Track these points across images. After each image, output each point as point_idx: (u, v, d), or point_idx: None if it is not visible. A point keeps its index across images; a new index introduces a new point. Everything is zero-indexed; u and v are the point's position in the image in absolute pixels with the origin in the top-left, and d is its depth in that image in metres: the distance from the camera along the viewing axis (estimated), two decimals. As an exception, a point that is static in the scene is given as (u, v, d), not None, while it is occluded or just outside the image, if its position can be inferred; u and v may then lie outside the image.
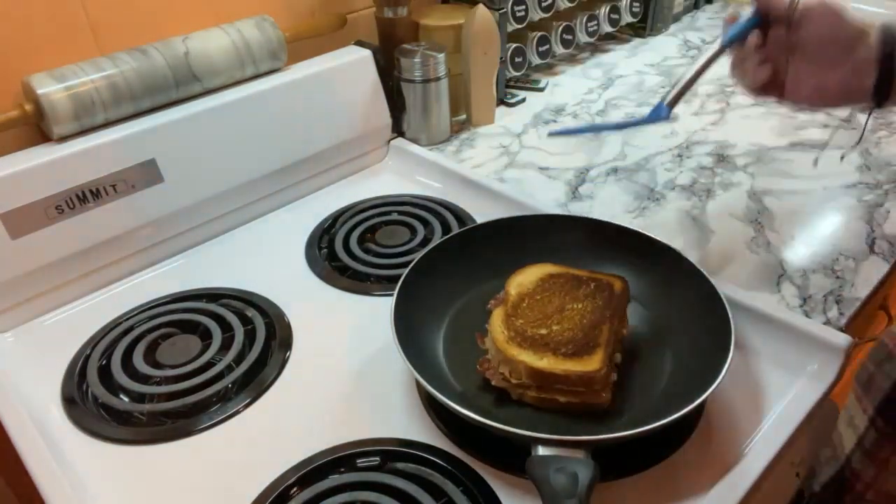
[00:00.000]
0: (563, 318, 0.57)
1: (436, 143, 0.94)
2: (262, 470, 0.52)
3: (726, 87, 1.07)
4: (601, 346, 0.54)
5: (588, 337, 0.54)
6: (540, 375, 0.52)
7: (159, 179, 0.72)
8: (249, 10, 0.82)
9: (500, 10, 0.96)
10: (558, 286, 0.60)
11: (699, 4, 1.40)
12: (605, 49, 1.24)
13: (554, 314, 0.57)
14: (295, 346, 0.64)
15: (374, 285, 0.71)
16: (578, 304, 0.58)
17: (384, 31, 0.92)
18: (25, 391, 0.60)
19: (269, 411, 0.58)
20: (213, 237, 0.79)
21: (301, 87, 0.81)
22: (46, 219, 0.65)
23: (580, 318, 0.56)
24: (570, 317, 0.57)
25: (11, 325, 0.67)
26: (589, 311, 0.57)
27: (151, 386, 0.59)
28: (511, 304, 0.58)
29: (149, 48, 0.71)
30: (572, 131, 0.91)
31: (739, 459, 0.51)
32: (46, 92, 0.65)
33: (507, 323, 0.56)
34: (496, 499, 0.49)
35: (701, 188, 0.82)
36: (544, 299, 0.58)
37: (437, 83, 0.90)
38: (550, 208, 0.78)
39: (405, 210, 0.82)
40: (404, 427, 0.55)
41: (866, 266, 0.68)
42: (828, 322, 0.62)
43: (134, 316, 0.67)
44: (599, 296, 0.58)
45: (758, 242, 0.73)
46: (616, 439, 0.48)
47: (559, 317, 0.57)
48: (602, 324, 0.56)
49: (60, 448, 0.55)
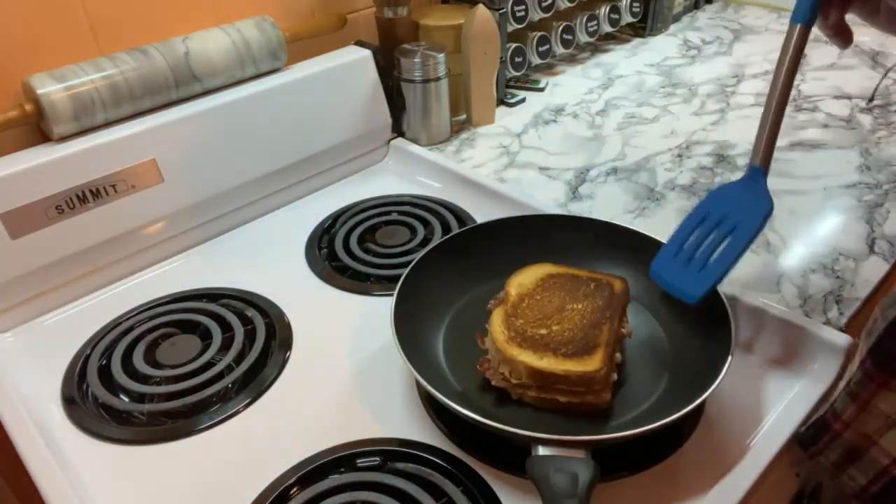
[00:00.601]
0: (563, 318, 0.56)
1: (436, 143, 0.94)
2: (262, 470, 0.52)
3: (726, 86, 1.07)
4: (601, 346, 0.53)
5: (588, 337, 0.54)
6: (540, 375, 0.52)
7: (159, 179, 0.72)
8: (249, 10, 0.82)
9: (500, 10, 0.96)
10: (558, 286, 0.60)
11: (699, 4, 1.40)
12: (605, 49, 1.24)
13: (554, 314, 0.57)
14: (295, 346, 0.64)
15: (374, 285, 0.71)
16: (578, 305, 0.58)
17: (384, 31, 0.92)
18: (25, 391, 0.60)
19: (269, 411, 0.58)
20: (213, 237, 0.79)
21: (301, 87, 0.81)
22: (46, 219, 0.65)
23: (580, 319, 0.56)
24: (570, 317, 0.57)
25: (11, 325, 0.67)
26: (589, 312, 0.57)
27: (151, 386, 0.59)
28: (511, 304, 0.58)
29: (149, 48, 0.71)
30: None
31: (739, 459, 0.51)
32: (46, 92, 0.65)
33: (507, 323, 0.56)
34: (496, 499, 0.49)
35: (701, 188, 0.82)
36: (544, 299, 0.58)
37: (437, 83, 0.90)
38: (550, 208, 0.78)
39: (405, 210, 0.82)
40: (404, 427, 0.55)
41: (866, 266, 0.68)
42: (828, 322, 0.62)
43: (134, 316, 0.67)
44: (599, 296, 0.58)
45: (758, 242, 0.73)
46: (616, 439, 0.48)
47: (559, 317, 0.57)
48: (602, 324, 0.56)
49: (60, 448, 0.55)
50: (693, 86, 1.08)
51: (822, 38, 0.59)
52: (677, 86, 1.08)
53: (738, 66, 1.14)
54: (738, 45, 1.22)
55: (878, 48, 1.16)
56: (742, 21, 1.34)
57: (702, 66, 1.15)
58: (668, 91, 1.07)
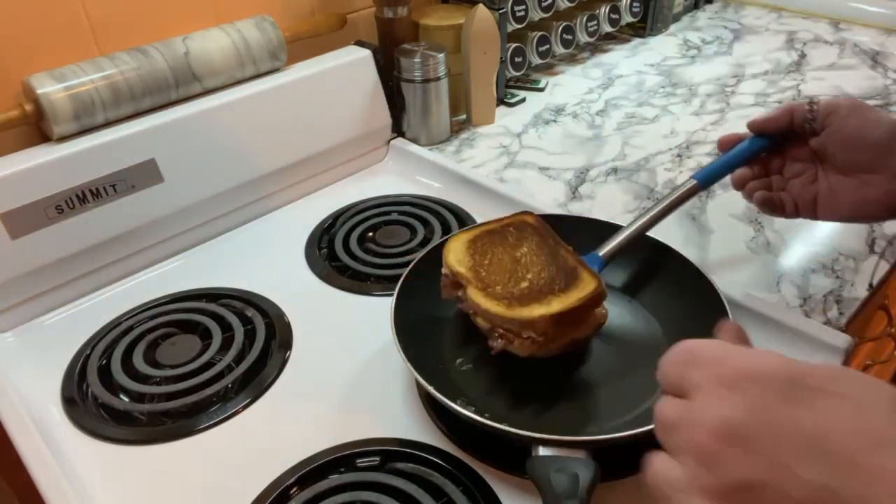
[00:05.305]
0: (525, 266, 0.56)
1: (436, 143, 0.94)
2: (262, 470, 0.52)
3: (726, 86, 1.07)
4: (579, 267, 0.55)
5: (562, 268, 0.55)
6: (559, 319, 0.51)
7: (159, 179, 0.72)
8: (249, 10, 0.82)
9: (500, 10, 0.96)
10: (489, 245, 0.59)
11: (699, 4, 1.40)
12: (605, 49, 1.24)
13: (516, 267, 0.56)
14: (295, 346, 0.64)
15: (374, 285, 0.71)
16: (523, 249, 0.58)
17: (384, 31, 0.92)
18: (25, 391, 0.60)
19: (269, 411, 0.58)
20: (212, 237, 0.79)
21: (301, 87, 0.81)
22: (46, 219, 0.65)
23: (538, 258, 0.57)
24: (530, 262, 0.57)
25: (11, 325, 0.67)
26: (537, 250, 0.57)
27: (151, 386, 0.59)
28: (475, 279, 0.56)
29: (149, 48, 0.71)
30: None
31: (739, 459, 0.51)
32: (46, 92, 0.65)
33: (490, 295, 0.54)
34: (496, 499, 0.49)
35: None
36: (494, 261, 0.57)
37: (437, 83, 0.90)
38: (550, 208, 0.78)
39: (405, 210, 0.82)
40: (404, 427, 0.55)
41: (866, 266, 0.68)
42: (828, 322, 0.62)
43: (134, 316, 0.67)
44: (528, 234, 0.59)
45: (758, 242, 0.73)
46: (617, 439, 0.48)
47: (521, 267, 0.56)
48: (558, 252, 0.57)
49: (60, 448, 0.55)
50: (693, 86, 1.08)
51: (822, 38, 0.59)
52: (677, 86, 1.08)
53: (738, 66, 1.14)
54: (738, 45, 1.22)
55: (878, 48, 1.16)
56: (742, 21, 1.34)
57: (702, 66, 1.15)
58: (668, 91, 1.07)
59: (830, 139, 0.53)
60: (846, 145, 0.52)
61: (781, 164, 0.58)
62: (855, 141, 0.52)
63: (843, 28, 1.26)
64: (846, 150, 0.52)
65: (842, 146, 0.53)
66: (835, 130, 0.53)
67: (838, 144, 0.53)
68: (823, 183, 0.55)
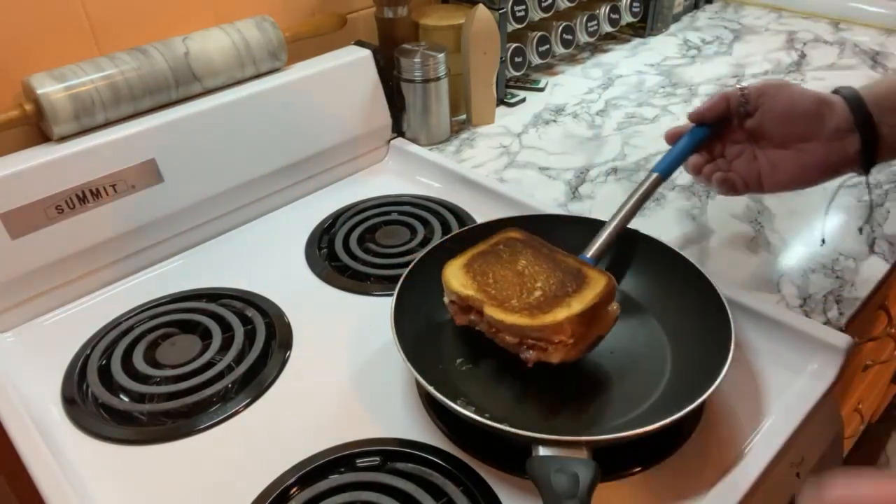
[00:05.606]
0: (532, 276, 0.57)
1: (436, 143, 0.94)
2: (262, 470, 0.52)
3: (726, 86, 1.07)
4: (584, 266, 0.56)
5: (567, 271, 0.56)
6: (583, 319, 0.52)
7: (159, 179, 0.72)
8: (249, 10, 0.82)
9: (500, 10, 0.96)
10: (486, 266, 0.59)
11: (699, 4, 1.40)
12: (605, 49, 1.24)
13: (523, 280, 0.57)
14: (295, 346, 0.64)
15: (374, 285, 0.71)
16: (521, 262, 0.58)
17: (384, 31, 0.92)
18: (25, 391, 0.59)
19: (269, 411, 0.58)
20: (212, 237, 0.79)
21: (301, 87, 0.81)
22: (46, 219, 0.65)
23: (541, 267, 0.57)
24: (534, 272, 0.57)
25: (11, 325, 0.67)
26: (536, 261, 0.58)
27: (151, 386, 0.59)
28: (487, 298, 0.56)
29: (149, 48, 0.71)
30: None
31: (739, 459, 0.51)
32: (46, 92, 0.65)
33: (508, 309, 0.54)
34: (496, 499, 0.49)
35: (701, 188, 0.82)
36: (497, 278, 0.57)
37: (437, 83, 0.90)
38: (550, 208, 0.78)
39: (405, 210, 0.82)
40: (404, 427, 0.55)
41: (866, 266, 0.68)
42: (828, 322, 0.62)
43: (134, 316, 0.67)
44: (520, 249, 0.60)
45: (758, 242, 0.73)
46: (616, 439, 0.48)
47: (528, 278, 0.57)
48: (555, 256, 0.58)
49: (60, 448, 0.55)
50: (693, 86, 1.08)
51: (822, 38, 0.60)
52: (677, 86, 1.08)
53: (738, 66, 1.14)
54: (738, 45, 1.22)
55: (878, 48, 1.16)
56: (742, 21, 1.34)
57: (702, 66, 1.15)
58: (668, 91, 1.07)
59: (765, 117, 0.57)
60: (780, 120, 0.57)
61: (723, 149, 0.62)
62: (787, 114, 0.56)
63: (843, 28, 1.26)
64: (781, 125, 0.57)
65: (776, 122, 0.57)
66: (767, 109, 0.57)
67: (773, 121, 0.57)
68: (763, 159, 0.59)
